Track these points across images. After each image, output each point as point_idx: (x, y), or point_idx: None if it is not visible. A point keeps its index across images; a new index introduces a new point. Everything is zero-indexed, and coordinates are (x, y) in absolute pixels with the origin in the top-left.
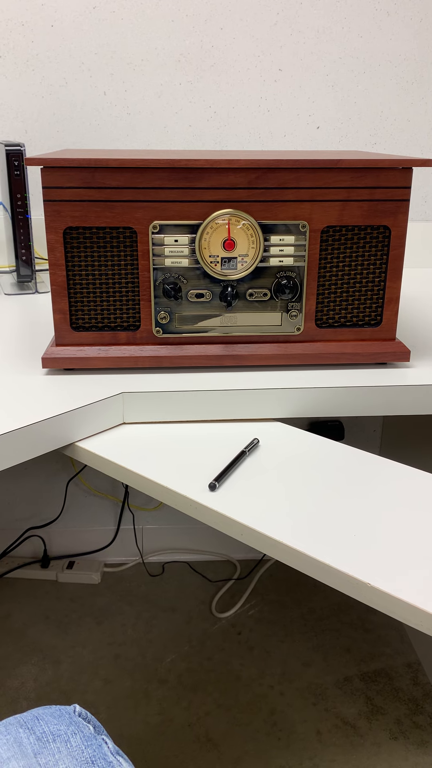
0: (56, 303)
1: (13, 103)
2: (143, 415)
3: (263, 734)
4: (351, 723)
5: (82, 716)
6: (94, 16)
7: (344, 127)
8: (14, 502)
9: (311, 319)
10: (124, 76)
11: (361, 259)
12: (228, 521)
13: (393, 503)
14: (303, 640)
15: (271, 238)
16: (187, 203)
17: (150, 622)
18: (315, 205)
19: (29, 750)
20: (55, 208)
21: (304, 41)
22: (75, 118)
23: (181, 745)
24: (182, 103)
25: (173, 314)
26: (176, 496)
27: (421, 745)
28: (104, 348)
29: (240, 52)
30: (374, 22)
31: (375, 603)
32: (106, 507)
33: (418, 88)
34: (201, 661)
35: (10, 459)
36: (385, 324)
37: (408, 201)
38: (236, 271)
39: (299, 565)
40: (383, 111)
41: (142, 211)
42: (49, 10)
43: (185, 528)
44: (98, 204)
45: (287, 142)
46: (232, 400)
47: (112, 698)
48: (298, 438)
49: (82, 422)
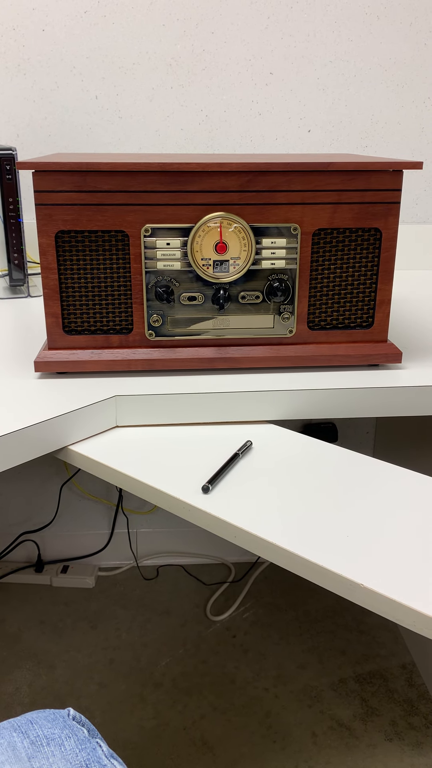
0: (48, 307)
1: (4, 107)
2: (136, 418)
3: (258, 737)
4: (346, 725)
5: (77, 720)
6: (86, 20)
7: (335, 130)
8: (7, 507)
9: (303, 322)
10: (115, 80)
11: (352, 261)
12: (221, 524)
13: (386, 504)
14: (298, 642)
15: (263, 241)
16: (179, 206)
17: (144, 625)
18: (306, 207)
19: (23, 754)
20: (46, 211)
21: (294, 45)
22: (67, 122)
23: (176, 749)
24: (174, 106)
25: (166, 317)
26: (170, 499)
27: (416, 746)
28: (97, 351)
29: (231, 56)
30: (364, 26)
31: (369, 604)
32: (100, 511)
33: (409, 91)
34: (196, 665)
35: (3, 463)
36: (377, 326)
37: (399, 203)
38: (228, 273)
39: (293, 567)
40: (374, 114)
41: (134, 214)
42: (40, 15)
43: (179, 531)
44: (90, 207)
45: (279, 145)
46: (225, 402)
47: (107, 702)
48: (292, 440)
49: (75, 426)
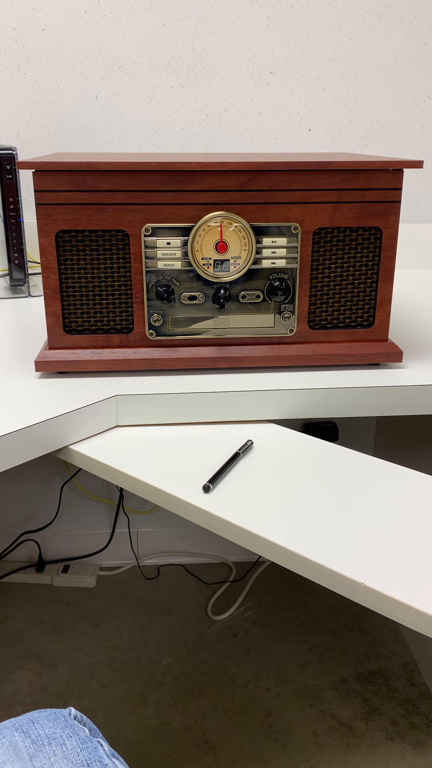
0: (49, 306)
1: (4, 106)
2: (137, 417)
3: (260, 736)
4: (347, 724)
5: (78, 719)
6: (86, 20)
7: (336, 129)
8: (9, 507)
9: (304, 321)
10: (115, 80)
11: (353, 260)
12: (222, 523)
13: (387, 504)
14: (299, 641)
15: (264, 240)
16: (180, 206)
17: (145, 625)
18: (307, 207)
19: (24, 753)
20: (47, 211)
21: (295, 44)
22: (67, 122)
23: (177, 748)
24: (174, 106)
25: (166, 317)
26: (170, 499)
27: (417, 746)
28: (97, 351)
29: (231, 55)
30: (365, 25)
31: (370, 603)
32: (100, 510)
33: (409, 90)
34: (197, 664)
35: (4, 463)
36: (378, 325)
37: (399, 202)
38: (229, 273)
39: (294, 566)
40: (374, 113)
41: (135, 214)
42: (40, 14)
43: (180, 531)
44: (90, 207)
45: (279, 144)
46: (226, 401)
47: (108, 702)
48: (292, 439)
49: (76, 425)
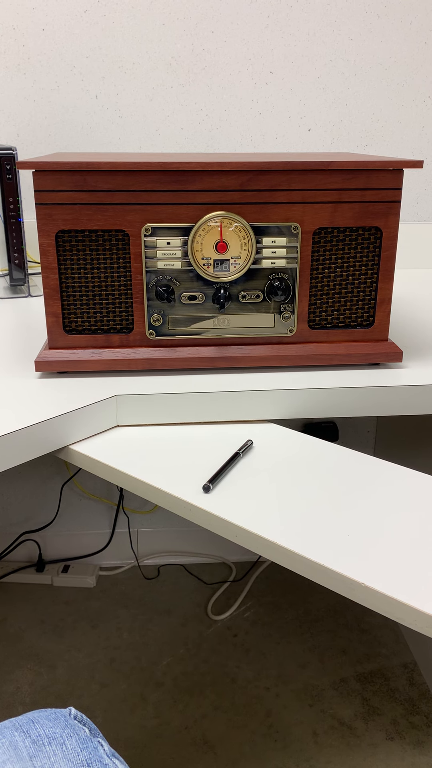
0: (49, 306)
1: (4, 106)
2: (137, 417)
3: (260, 736)
4: (347, 724)
5: (78, 719)
6: (86, 20)
7: (336, 129)
8: (8, 506)
9: (304, 321)
10: (115, 80)
11: (353, 260)
12: (222, 523)
13: (387, 503)
14: (299, 641)
15: (263, 240)
16: (179, 206)
17: (145, 625)
18: (307, 206)
19: (25, 753)
20: (47, 211)
21: (294, 44)
22: (67, 122)
23: (177, 748)
24: (174, 106)
25: (166, 316)
26: (170, 498)
27: (417, 746)
28: (97, 351)
29: (231, 55)
30: (364, 25)
31: (370, 603)
32: (100, 510)
33: (409, 90)
34: (197, 664)
35: (4, 463)
36: (378, 325)
37: (399, 202)
38: (229, 273)
39: (294, 566)
40: (374, 113)
41: (135, 213)
42: (40, 14)
43: (180, 531)
44: (90, 207)
45: (279, 144)
46: (226, 401)
47: (108, 702)
48: (292, 439)
49: (76, 425)
